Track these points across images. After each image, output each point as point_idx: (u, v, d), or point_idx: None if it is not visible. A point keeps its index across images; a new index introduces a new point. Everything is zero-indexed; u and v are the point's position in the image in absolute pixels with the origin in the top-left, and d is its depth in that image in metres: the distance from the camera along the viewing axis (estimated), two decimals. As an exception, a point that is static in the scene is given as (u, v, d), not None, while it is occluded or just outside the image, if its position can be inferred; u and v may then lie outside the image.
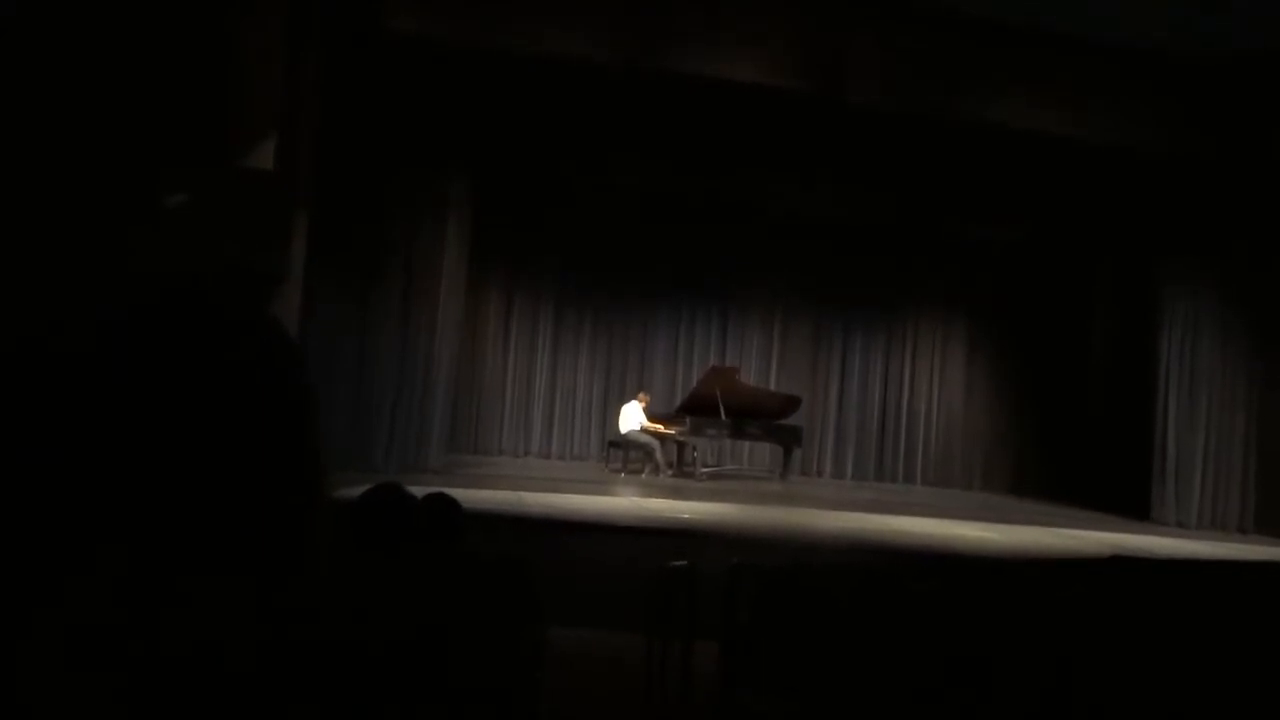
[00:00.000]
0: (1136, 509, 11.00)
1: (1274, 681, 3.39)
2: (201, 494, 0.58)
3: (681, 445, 11.52)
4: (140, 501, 0.56)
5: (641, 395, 11.76)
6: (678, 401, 12.17)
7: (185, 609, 0.57)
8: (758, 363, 14.04)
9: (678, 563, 4.45)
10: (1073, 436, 12.92)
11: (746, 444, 13.07)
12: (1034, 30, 9.24)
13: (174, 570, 0.57)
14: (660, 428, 11.28)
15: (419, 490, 2.98)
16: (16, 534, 0.56)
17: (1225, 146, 9.94)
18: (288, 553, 0.62)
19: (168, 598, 0.57)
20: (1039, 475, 13.40)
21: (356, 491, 2.71)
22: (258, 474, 0.60)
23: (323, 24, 7.82)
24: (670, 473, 11.26)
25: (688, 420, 11.17)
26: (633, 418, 11.32)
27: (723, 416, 11.14)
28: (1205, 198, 10.53)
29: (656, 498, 9.25)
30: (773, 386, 13.26)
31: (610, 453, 11.81)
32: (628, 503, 9.06)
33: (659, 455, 11.21)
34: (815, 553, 6.89)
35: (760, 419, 11.57)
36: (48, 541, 0.56)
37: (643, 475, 11.19)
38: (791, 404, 11.92)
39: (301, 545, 0.63)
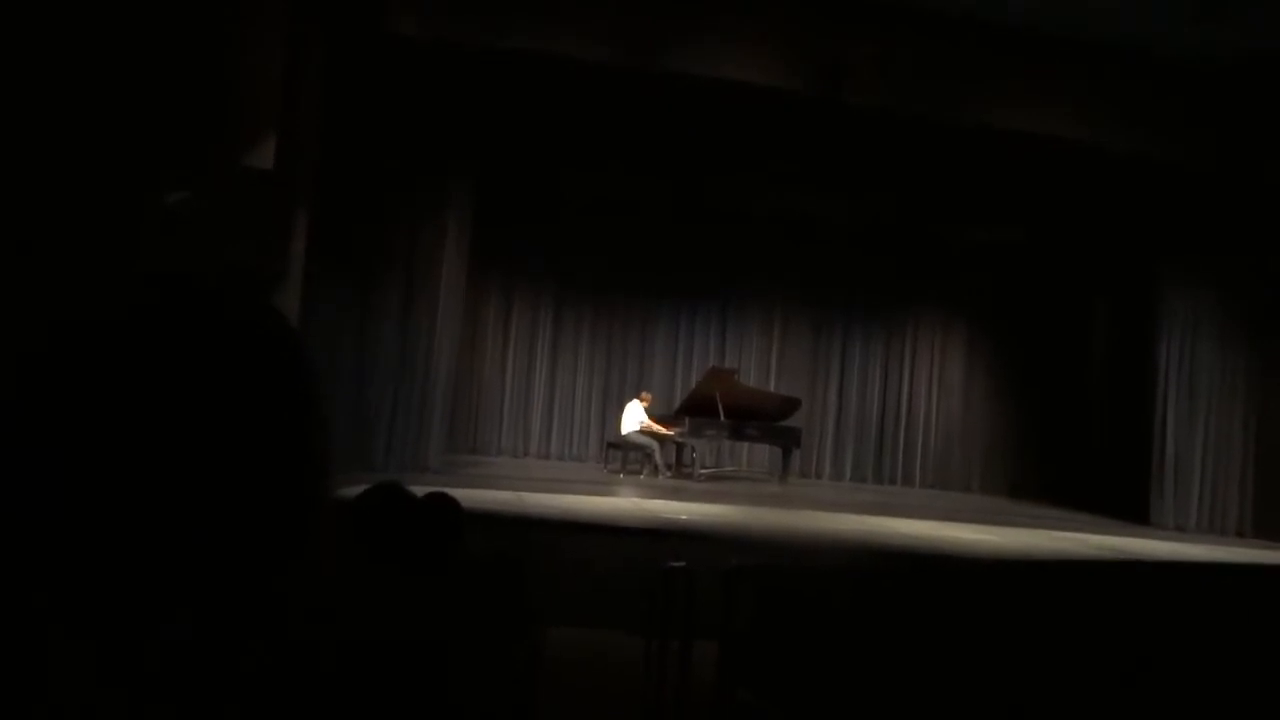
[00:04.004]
0: (1135, 512, 11.01)
1: (1272, 685, 3.40)
2: (205, 492, 0.58)
3: (680, 446, 11.51)
4: (142, 499, 0.56)
5: (644, 395, 11.75)
6: (677, 403, 12.18)
7: (188, 609, 0.57)
8: (757, 364, 14.06)
9: (676, 563, 4.46)
10: (1071, 439, 12.92)
11: (745, 445, 13.07)
12: (1034, 33, 9.25)
13: (176, 569, 0.57)
14: (659, 428, 11.28)
15: (419, 489, 2.98)
16: (18, 535, 0.56)
17: (1225, 150, 9.94)
18: (292, 551, 0.62)
19: (168, 598, 0.57)
20: (1038, 478, 13.40)
21: (356, 490, 2.71)
22: (262, 471, 0.60)
23: (324, 24, 7.82)
24: (669, 474, 11.26)
25: (687, 421, 11.17)
26: (634, 418, 11.32)
27: (722, 418, 11.14)
28: (1205, 201, 10.52)
29: (655, 498, 9.25)
30: (772, 388, 13.27)
31: (609, 453, 11.82)
32: (627, 503, 9.05)
33: (658, 456, 11.21)
34: (813, 554, 6.89)
35: (759, 420, 11.57)
36: (50, 542, 0.56)
37: (641, 476, 11.19)
38: (790, 405, 11.92)
39: (306, 544, 0.63)
